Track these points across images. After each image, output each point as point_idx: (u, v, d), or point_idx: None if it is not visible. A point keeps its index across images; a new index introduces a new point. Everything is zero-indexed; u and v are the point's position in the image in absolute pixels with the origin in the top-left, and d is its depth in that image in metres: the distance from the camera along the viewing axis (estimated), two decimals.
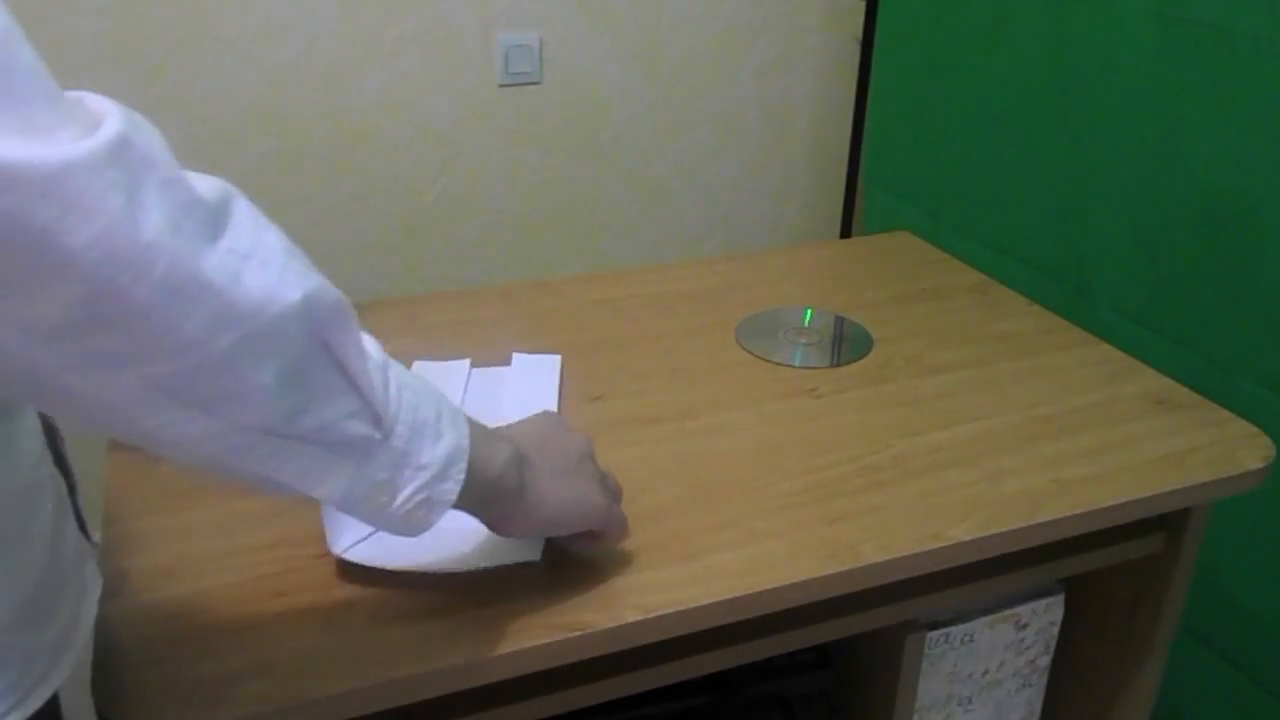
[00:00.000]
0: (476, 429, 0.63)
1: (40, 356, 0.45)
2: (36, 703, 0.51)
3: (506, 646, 0.68)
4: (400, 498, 0.58)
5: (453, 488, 0.60)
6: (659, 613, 0.71)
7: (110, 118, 0.44)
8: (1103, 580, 1.02)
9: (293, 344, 0.51)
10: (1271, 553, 1.21)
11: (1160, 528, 0.95)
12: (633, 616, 0.71)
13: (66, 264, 0.42)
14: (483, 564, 0.74)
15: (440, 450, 0.59)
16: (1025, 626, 0.99)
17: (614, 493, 0.76)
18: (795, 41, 2.08)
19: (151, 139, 0.47)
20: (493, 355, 1.03)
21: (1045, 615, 1.00)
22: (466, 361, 1.01)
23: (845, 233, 2.09)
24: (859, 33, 1.92)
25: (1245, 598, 1.25)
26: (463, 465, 0.60)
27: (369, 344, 0.57)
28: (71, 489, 0.59)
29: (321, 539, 0.76)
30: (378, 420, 0.56)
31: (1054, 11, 1.40)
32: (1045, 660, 1.03)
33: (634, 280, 1.21)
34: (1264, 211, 1.16)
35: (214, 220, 0.48)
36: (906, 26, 1.72)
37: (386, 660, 0.67)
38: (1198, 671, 1.32)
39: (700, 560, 0.76)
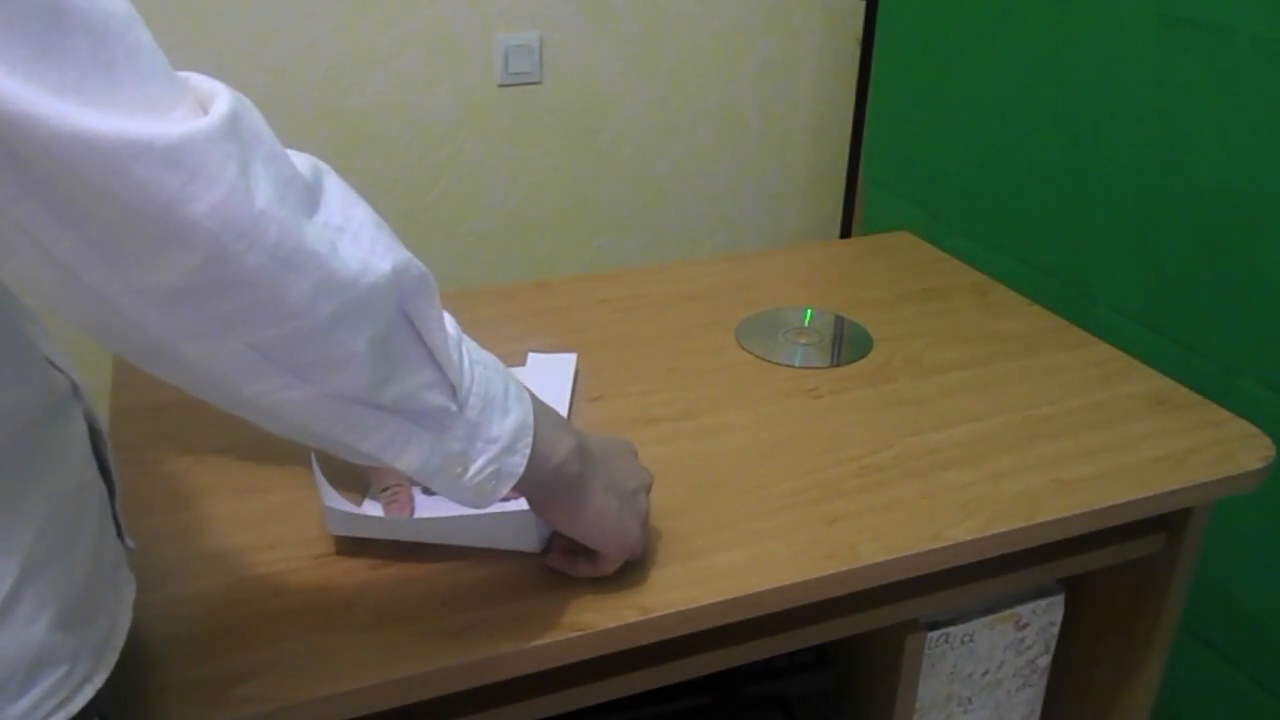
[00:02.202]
0: (546, 413, 0.66)
1: (156, 322, 0.48)
2: (81, 701, 0.52)
3: (506, 646, 0.68)
4: (473, 469, 0.60)
5: (520, 461, 0.62)
6: (659, 613, 0.71)
7: (221, 95, 0.47)
8: (1103, 580, 1.02)
9: (383, 314, 0.54)
10: (1271, 553, 1.21)
11: (1160, 528, 0.95)
12: (633, 616, 0.71)
13: (188, 231, 0.45)
14: (481, 542, 0.74)
15: (509, 424, 0.62)
16: (1025, 626, 0.99)
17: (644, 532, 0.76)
18: (795, 41, 2.07)
19: (256, 115, 0.49)
20: (494, 355, 1.02)
21: (1045, 615, 1.00)
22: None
23: (845, 233, 2.09)
24: (859, 33, 1.92)
25: (1245, 598, 1.25)
26: (528, 440, 0.63)
27: (446, 318, 0.60)
28: (111, 493, 0.60)
29: (321, 539, 0.76)
30: (454, 392, 0.59)
31: (1054, 11, 1.40)
32: (1045, 660, 1.03)
33: (634, 280, 1.21)
34: (1264, 211, 1.16)
35: (311, 195, 0.51)
36: (906, 26, 1.72)
37: (386, 660, 0.67)
38: (1198, 671, 1.32)
39: (700, 560, 0.76)
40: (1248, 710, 1.28)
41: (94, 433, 0.59)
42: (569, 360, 1.00)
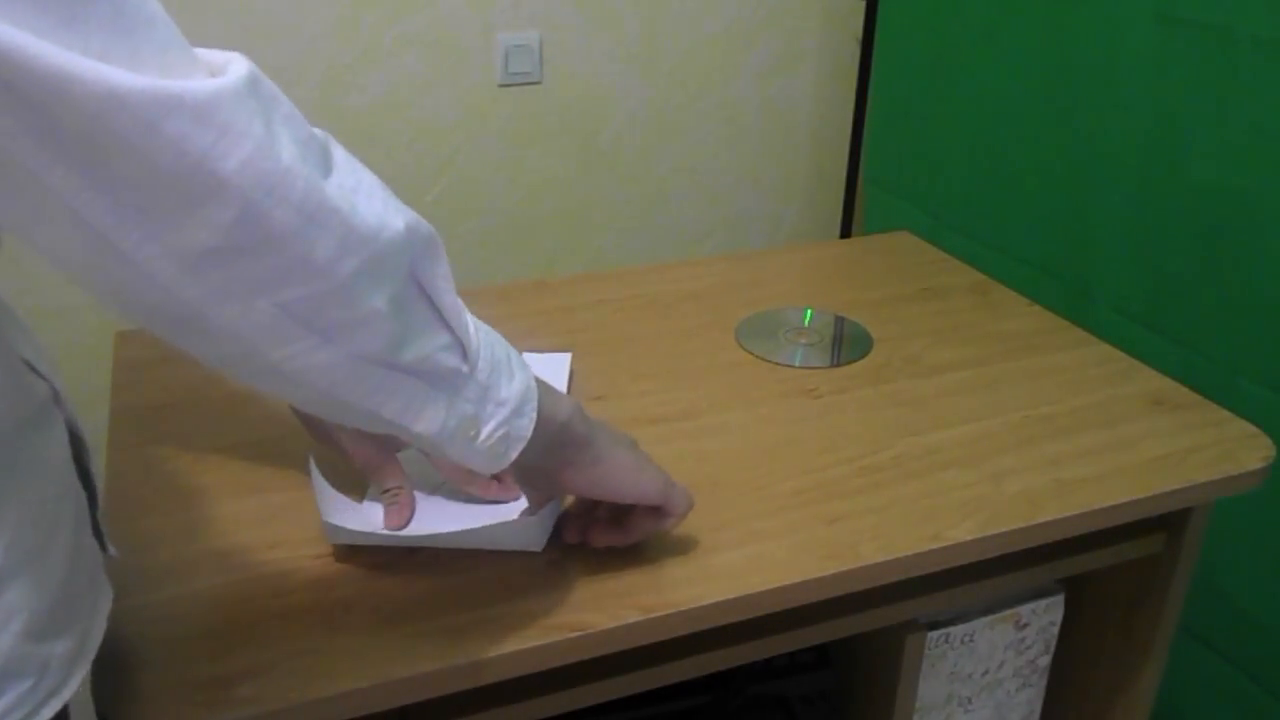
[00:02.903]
0: (541, 380, 0.66)
1: (188, 286, 0.48)
2: (47, 715, 0.51)
3: (506, 646, 0.68)
4: (484, 432, 0.61)
5: (527, 424, 0.63)
6: (659, 613, 0.71)
7: (237, 59, 0.48)
8: (1103, 580, 1.02)
9: (399, 271, 0.55)
10: (1271, 553, 1.21)
11: (1160, 528, 0.95)
12: (633, 616, 0.71)
13: (220, 187, 0.45)
14: (483, 545, 0.74)
15: (516, 387, 0.62)
16: (1025, 626, 0.99)
17: (678, 485, 0.76)
18: (795, 41, 2.07)
19: (270, 80, 0.50)
20: None
21: (1045, 615, 1.00)
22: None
23: (845, 233, 2.09)
24: (859, 33, 1.92)
25: (1245, 598, 1.25)
26: (534, 402, 0.63)
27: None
28: (92, 500, 0.59)
29: (322, 539, 0.76)
30: (464, 354, 0.59)
31: (1054, 11, 1.40)
32: (1045, 660, 1.03)
33: (634, 280, 1.21)
34: (1264, 211, 1.16)
35: (325, 155, 0.52)
36: (906, 26, 1.72)
37: (386, 660, 0.67)
38: (1198, 671, 1.32)
39: (700, 560, 0.76)
40: (1248, 710, 1.28)
41: (75, 439, 0.58)
42: (563, 360, 1.01)
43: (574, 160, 2.00)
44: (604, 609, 0.71)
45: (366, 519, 0.76)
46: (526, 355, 1.00)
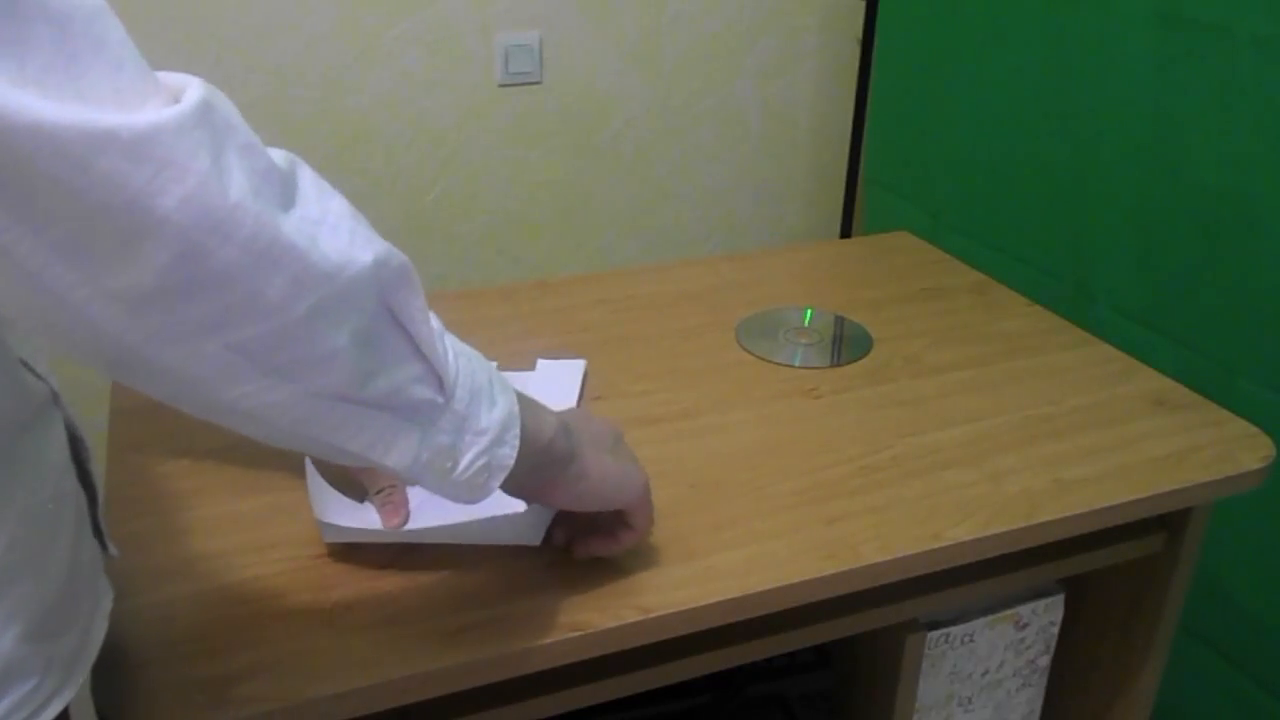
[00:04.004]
0: (522, 397, 0.64)
1: (128, 329, 0.45)
2: (49, 715, 0.51)
3: (506, 646, 0.68)
4: (463, 463, 0.59)
5: (509, 452, 0.61)
6: (659, 613, 0.71)
7: (193, 85, 0.46)
8: (1103, 580, 1.02)
9: (365, 307, 0.52)
10: (1271, 553, 1.21)
11: (1160, 528, 0.95)
12: (633, 616, 0.71)
13: (159, 226, 0.43)
14: (480, 540, 0.74)
15: (496, 415, 0.60)
16: (1025, 626, 0.99)
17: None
18: (795, 41, 2.07)
19: (230, 107, 0.48)
20: (496, 355, 1.02)
21: (1045, 615, 1.00)
22: (492, 365, 1.01)
23: (845, 233, 2.09)
24: (859, 33, 1.92)
25: (1245, 598, 1.25)
26: (516, 430, 0.61)
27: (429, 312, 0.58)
28: (93, 500, 0.59)
29: (321, 539, 0.76)
30: (440, 384, 0.57)
31: (1054, 11, 1.40)
32: (1045, 660, 1.03)
33: (634, 280, 1.21)
34: (1264, 211, 1.16)
35: (287, 187, 0.49)
36: (906, 26, 1.72)
37: (386, 660, 0.67)
38: (1198, 671, 1.32)
39: (700, 560, 0.76)
40: (1248, 710, 1.28)
41: (74, 440, 0.57)
42: (578, 366, 1.00)
43: (574, 160, 2.00)
44: (604, 609, 0.71)
45: (363, 517, 0.76)
46: (542, 361, 1.01)
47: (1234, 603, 1.27)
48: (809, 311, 1.15)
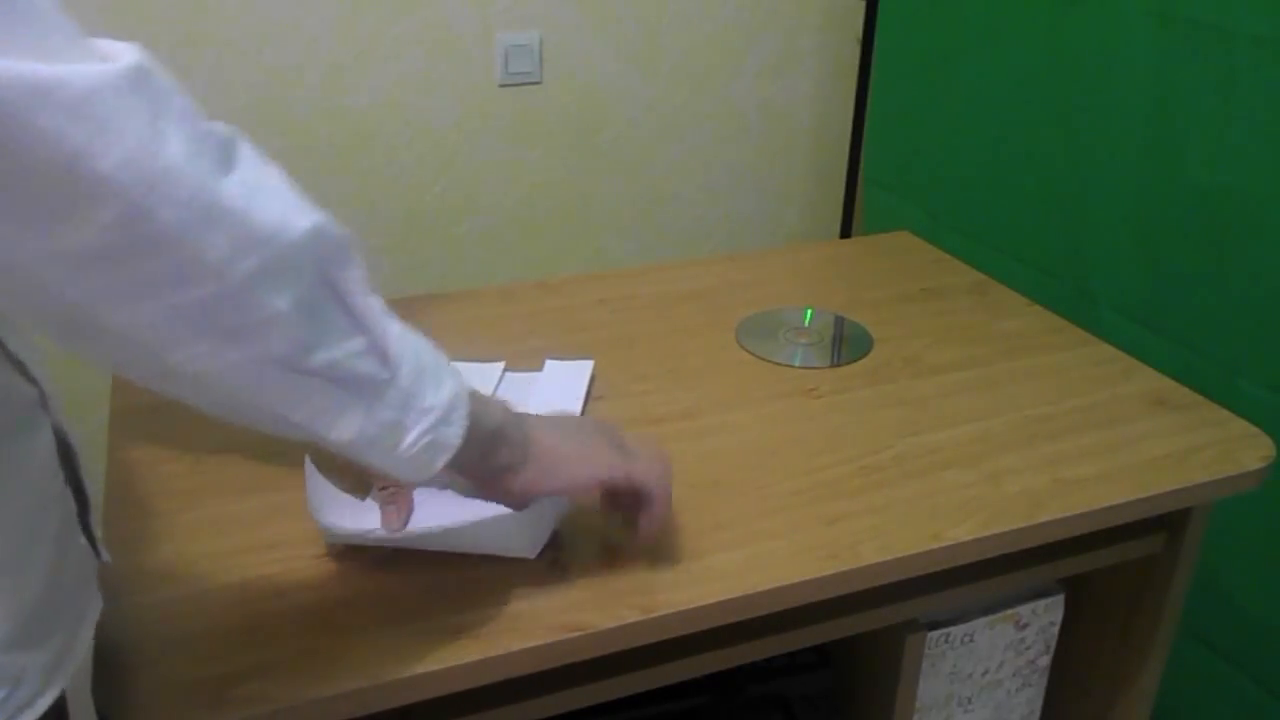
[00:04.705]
0: (470, 387, 0.64)
1: (74, 289, 0.46)
2: None
3: (506, 646, 0.68)
4: (408, 439, 0.59)
5: (456, 432, 0.61)
6: (659, 613, 0.71)
7: (129, 50, 0.46)
8: (1103, 580, 1.02)
9: (304, 273, 0.52)
10: (1271, 553, 1.21)
11: (1160, 528, 0.95)
12: (633, 616, 0.71)
13: (98, 186, 0.43)
14: (475, 549, 0.74)
15: (444, 394, 0.60)
16: (1025, 626, 0.99)
17: (640, 453, 0.74)
18: (795, 41, 2.07)
19: (167, 75, 0.48)
20: (498, 355, 1.03)
21: (1045, 615, 1.00)
22: (501, 364, 1.01)
23: (845, 233, 2.09)
24: (859, 33, 1.92)
25: (1245, 598, 1.25)
26: (464, 410, 0.62)
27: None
28: (84, 506, 0.59)
29: (322, 539, 0.76)
30: (385, 359, 0.57)
31: (1054, 11, 1.40)
32: (1045, 660, 1.03)
33: (634, 280, 1.21)
34: (1264, 211, 1.16)
35: (226, 152, 0.50)
36: (906, 26, 1.72)
37: (386, 660, 0.67)
38: (1198, 671, 1.32)
39: (700, 560, 0.76)
40: (1248, 710, 1.28)
41: (63, 445, 0.57)
42: (586, 366, 1.00)
43: (574, 160, 2.00)
44: (604, 609, 0.71)
45: (361, 519, 0.76)
46: (550, 362, 1.01)
47: (1234, 603, 1.26)
48: (809, 311, 1.15)
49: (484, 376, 0.99)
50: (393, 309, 0.59)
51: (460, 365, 0.99)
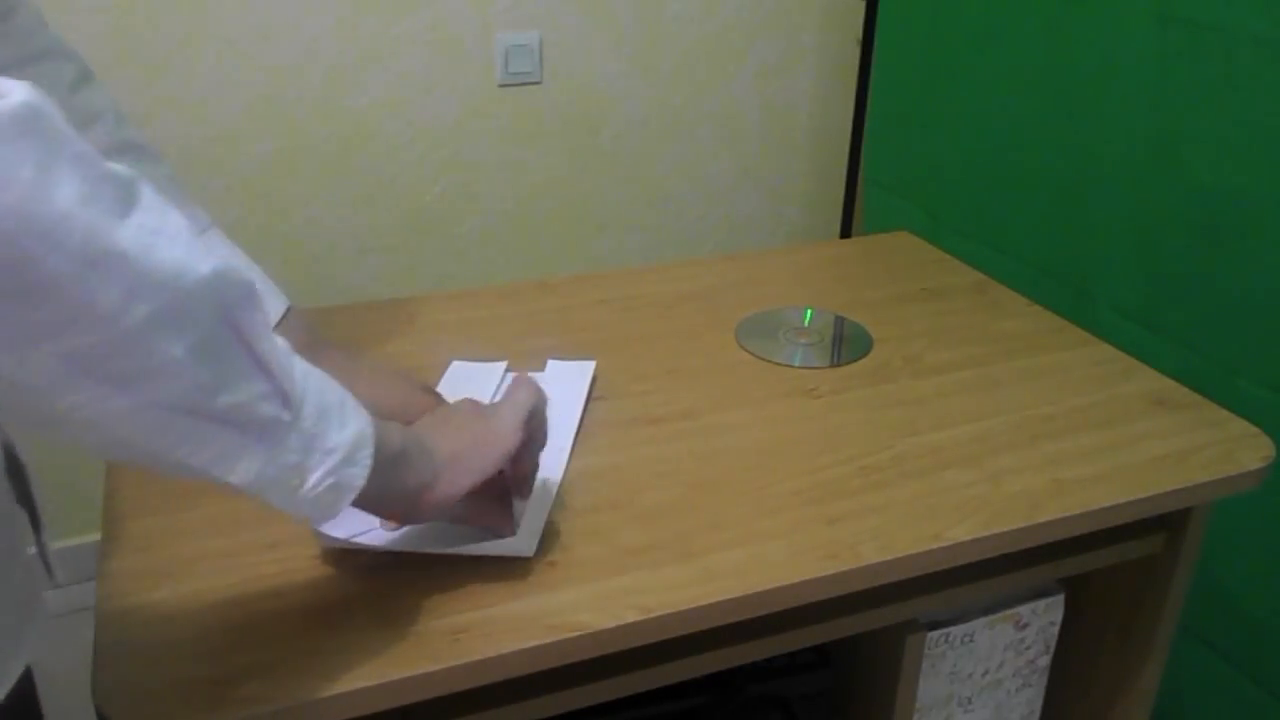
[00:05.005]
0: (374, 421, 0.64)
1: None
2: None
3: (506, 646, 0.68)
4: (310, 481, 0.58)
5: (360, 473, 0.61)
6: (659, 613, 0.71)
7: (15, 90, 0.45)
8: (1103, 580, 1.02)
9: (203, 319, 0.51)
10: (1271, 553, 1.21)
11: (1160, 528, 0.95)
12: (633, 616, 0.71)
13: None
14: (472, 550, 0.74)
15: (347, 434, 0.60)
16: (1025, 626, 0.99)
17: (505, 408, 0.74)
18: (795, 41, 2.08)
19: (59, 116, 0.47)
20: (499, 354, 1.03)
21: (1045, 615, 1.00)
22: (503, 364, 1.01)
23: (845, 233, 2.09)
24: (859, 33, 1.92)
25: (1245, 598, 1.25)
26: (369, 451, 0.61)
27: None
28: (35, 525, 0.58)
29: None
30: (286, 402, 0.56)
31: (1054, 11, 1.40)
32: (1045, 660, 1.03)
33: (634, 280, 1.21)
34: (1264, 211, 1.16)
35: (124, 195, 0.49)
36: (906, 26, 1.72)
37: (386, 660, 0.67)
38: (1198, 671, 1.32)
39: (700, 560, 0.76)
40: (1248, 710, 1.28)
41: (13, 463, 0.56)
42: (588, 367, 1.00)
43: (574, 160, 2.00)
44: (604, 609, 0.71)
45: (355, 524, 0.76)
46: (552, 362, 1.01)
47: (1234, 603, 1.27)
48: (809, 311, 1.15)
49: (485, 377, 0.99)
50: (392, 309, 0.59)
51: (462, 365, 1.00)
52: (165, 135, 1.68)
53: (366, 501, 0.63)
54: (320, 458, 0.58)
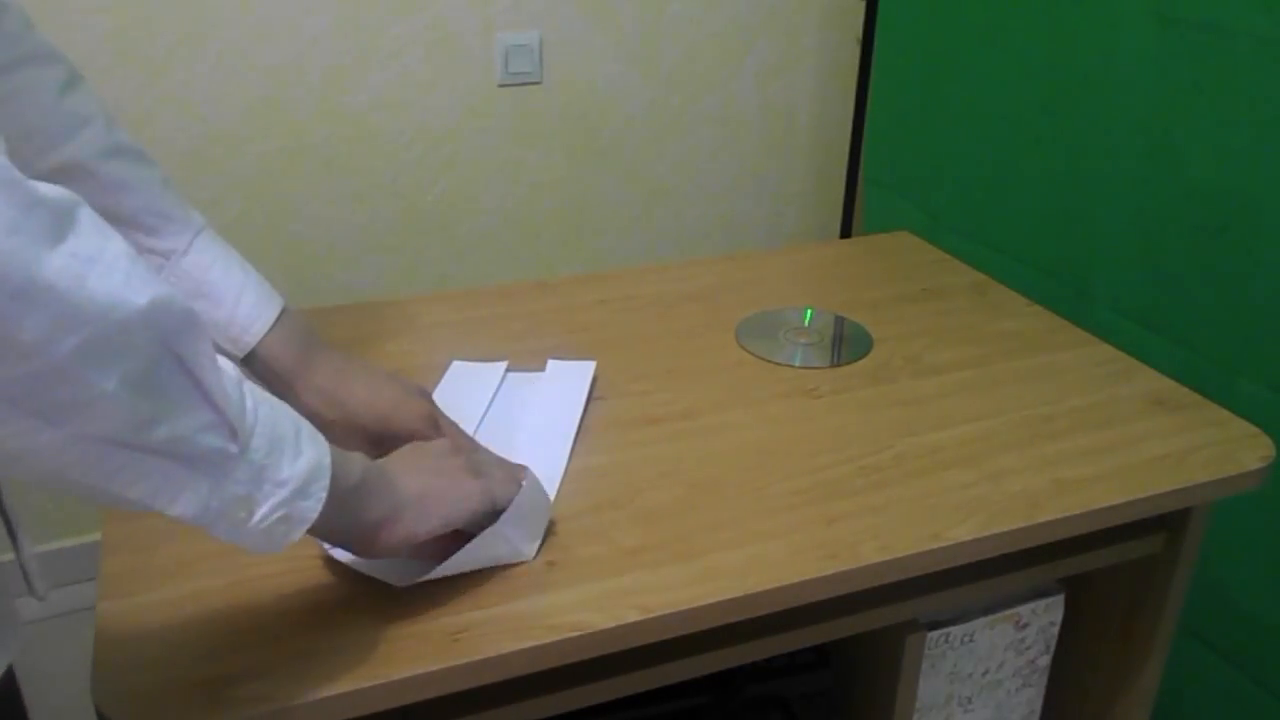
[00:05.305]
0: (333, 449, 0.62)
1: None
2: None
3: (506, 646, 0.68)
4: (259, 514, 0.57)
5: (314, 505, 0.59)
6: (659, 613, 0.71)
7: None
8: (1103, 580, 1.02)
9: (139, 350, 0.50)
10: (1271, 553, 1.21)
11: (1160, 528, 0.95)
12: (633, 616, 0.71)
13: None
14: (471, 567, 0.74)
15: (300, 466, 0.58)
16: (1025, 626, 0.99)
17: (497, 473, 0.74)
18: (795, 41, 2.08)
19: None
20: (499, 355, 1.03)
21: (1045, 615, 1.00)
22: (503, 364, 1.01)
23: (845, 233, 2.09)
24: (859, 33, 1.92)
25: (1245, 598, 1.25)
26: (324, 483, 0.60)
27: (222, 360, 0.56)
28: (11, 531, 0.57)
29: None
30: (234, 433, 0.55)
31: (1053, 12, 1.40)
32: (1045, 660, 1.03)
33: (634, 280, 1.21)
34: (1264, 211, 1.16)
35: (56, 223, 0.47)
36: (906, 26, 1.72)
37: (386, 660, 0.67)
38: (1198, 671, 1.32)
39: (700, 560, 0.76)
40: (1248, 710, 1.28)
41: None
42: (588, 367, 1.00)
43: (574, 160, 2.00)
44: (604, 609, 0.71)
45: None
46: (552, 362, 1.01)
47: (1234, 603, 1.27)
48: (809, 311, 1.15)
49: (486, 377, 0.99)
50: (391, 309, 0.58)
51: (463, 365, 1.00)
52: (165, 135, 1.68)
53: (321, 533, 0.62)
54: (270, 489, 0.57)
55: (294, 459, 0.58)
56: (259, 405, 0.57)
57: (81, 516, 1.85)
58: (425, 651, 0.68)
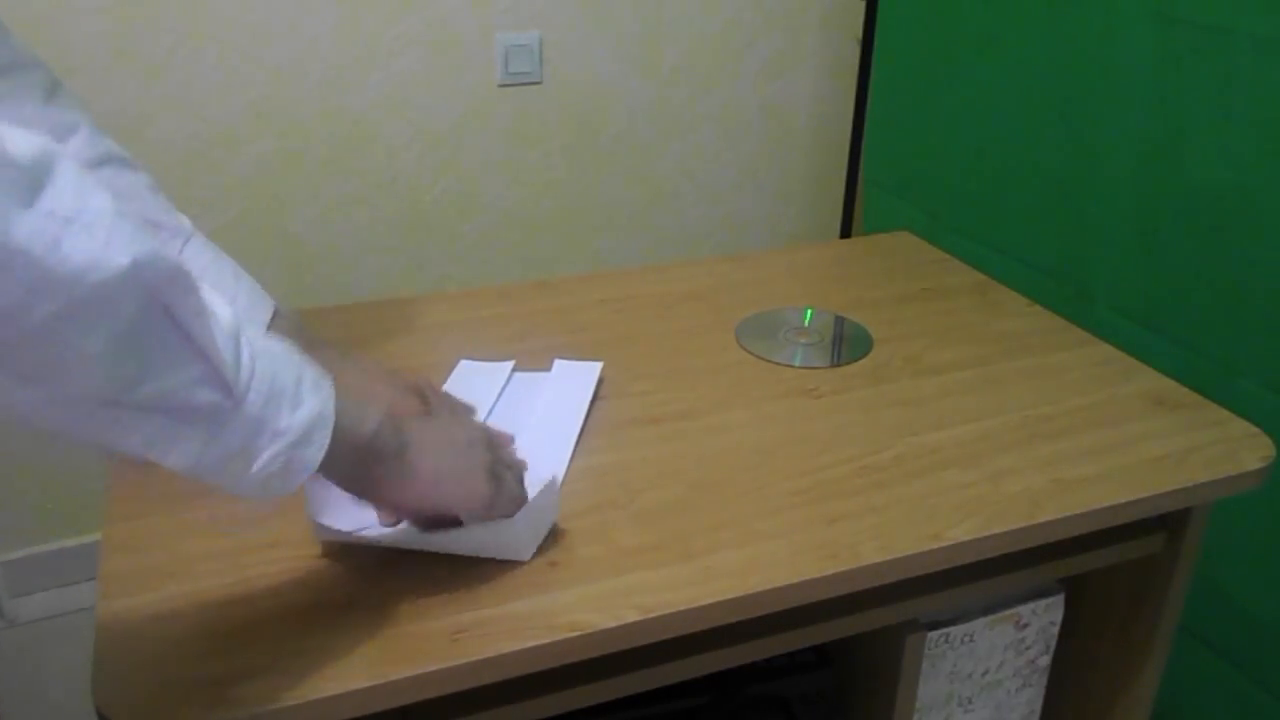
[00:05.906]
0: (346, 396, 0.63)
1: None
2: None
3: (506, 646, 0.68)
4: (257, 464, 0.57)
5: (315, 453, 0.60)
6: (659, 613, 0.71)
7: None
8: (1103, 580, 1.02)
9: (123, 310, 0.49)
10: (1271, 553, 1.21)
11: (1160, 528, 0.95)
12: (633, 616, 0.71)
13: None
14: (469, 551, 0.74)
15: (301, 416, 0.59)
16: (1025, 626, 0.99)
17: (510, 487, 0.75)
18: (795, 41, 2.08)
19: None
20: (500, 355, 1.03)
21: (1045, 615, 1.00)
22: (510, 364, 1.01)
23: (845, 233, 2.10)
24: (859, 33, 1.92)
25: (1245, 598, 1.25)
26: (326, 431, 0.60)
27: (220, 308, 0.56)
28: None
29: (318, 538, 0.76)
30: (227, 387, 0.55)
31: (1053, 12, 1.40)
32: (1045, 660, 1.03)
33: (634, 280, 1.21)
34: (1264, 211, 1.16)
35: (29, 182, 0.46)
36: (906, 26, 1.72)
37: (386, 660, 0.67)
38: (1198, 671, 1.32)
39: (700, 560, 0.76)
40: (1248, 710, 1.28)
41: None
42: (594, 368, 1.00)
43: (574, 160, 2.00)
44: (604, 609, 0.71)
45: (357, 518, 0.76)
46: (559, 362, 1.01)
47: (1234, 603, 1.27)
48: (809, 311, 1.15)
49: (492, 376, 0.99)
50: (391, 309, 0.58)
51: (469, 365, 1.00)
52: (165, 135, 1.68)
53: (331, 478, 0.62)
54: (268, 440, 0.57)
55: (293, 409, 0.58)
56: (256, 357, 0.57)
57: (82, 517, 1.85)
58: (425, 651, 0.68)
